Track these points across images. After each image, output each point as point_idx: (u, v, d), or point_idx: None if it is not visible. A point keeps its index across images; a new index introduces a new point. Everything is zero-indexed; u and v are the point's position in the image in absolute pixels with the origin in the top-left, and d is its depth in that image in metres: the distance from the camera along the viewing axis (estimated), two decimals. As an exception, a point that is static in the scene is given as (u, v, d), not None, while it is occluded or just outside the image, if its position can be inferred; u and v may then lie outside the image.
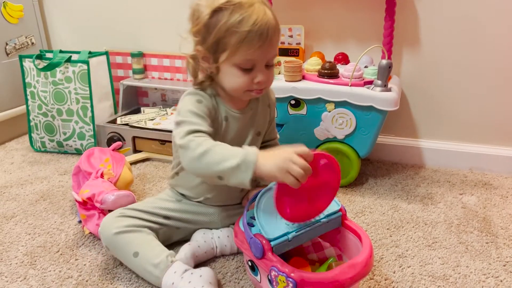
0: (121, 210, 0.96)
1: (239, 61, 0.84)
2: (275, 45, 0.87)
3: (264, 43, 0.83)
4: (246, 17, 0.81)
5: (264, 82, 0.88)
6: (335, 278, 0.73)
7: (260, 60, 0.86)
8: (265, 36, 0.82)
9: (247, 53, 0.83)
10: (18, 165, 1.51)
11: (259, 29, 0.81)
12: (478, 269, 0.95)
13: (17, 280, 0.93)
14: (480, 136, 1.41)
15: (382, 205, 1.22)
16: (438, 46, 1.36)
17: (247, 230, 0.81)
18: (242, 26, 0.81)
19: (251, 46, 0.82)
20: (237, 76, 0.86)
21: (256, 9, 0.82)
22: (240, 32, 0.81)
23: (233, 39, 0.82)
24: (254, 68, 0.86)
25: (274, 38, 0.85)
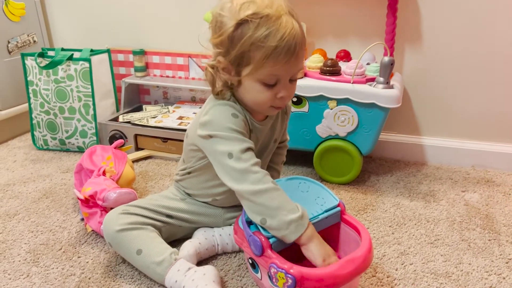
0: (124, 207, 0.96)
1: (263, 77, 0.81)
2: (302, 60, 0.84)
3: (291, 58, 0.79)
4: (273, 32, 0.77)
5: (288, 98, 0.85)
6: (335, 273, 0.73)
7: (285, 76, 0.82)
8: (292, 52, 0.78)
9: (272, 69, 0.80)
10: (21, 163, 1.51)
11: (286, 45, 0.77)
12: (481, 266, 0.95)
13: (20, 277, 0.94)
14: (483, 133, 1.41)
15: (384, 202, 1.22)
16: (441, 43, 1.35)
17: (246, 227, 0.81)
18: (268, 41, 0.77)
19: (277, 62, 0.79)
20: (259, 92, 0.83)
21: (284, 22, 0.78)
22: (266, 47, 0.77)
23: (258, 54, 0.78)
24: (278, 84, 0.83)
25: (301, 52, 0.81)
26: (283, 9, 0.79)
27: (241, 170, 0.80)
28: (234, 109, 0.87)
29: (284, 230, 0.77)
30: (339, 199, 0.89)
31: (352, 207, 1.19)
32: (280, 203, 0.78)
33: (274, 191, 0.79)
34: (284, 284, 0.73)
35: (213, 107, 0.88)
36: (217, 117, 0.85)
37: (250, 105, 0.88)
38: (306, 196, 0.87)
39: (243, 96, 0.87)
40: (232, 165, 0.81)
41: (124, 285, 0.91)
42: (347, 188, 1.30)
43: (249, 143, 0.84)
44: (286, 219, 0.77)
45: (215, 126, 0.84)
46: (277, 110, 0.88)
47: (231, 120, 0.85)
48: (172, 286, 0.86)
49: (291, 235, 0.77)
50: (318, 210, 0.85)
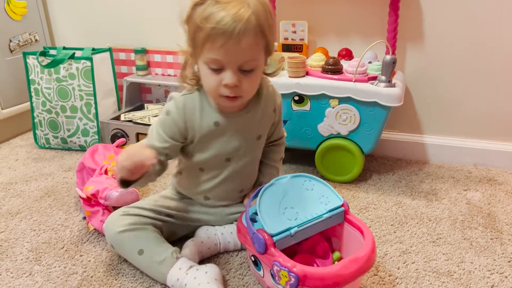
0: (124, 209, 0.96)
1: (206, 60, 0.82)
2: (247, 48, 0.79)
3: (227, 42, 0.77)
4: (214, 13, 0.76)
5: (234, 87, 0.83)
6: (337, 273, 0.73)
7: (228, 62, 0.80)
8: (228, 35, 0.76)
9: (210, 52, 0.79)
10: (23, 162, 1.51)
11: (223, 27, 0.76)
12: (483, 265, 0.95)
13: (23, 276, 0.94)
14: (485, 131, 1.41)
15: (386, 201, 1.22)
16: (443, 42, 1.35)
17: (250, 225, 0.81)
18: (207, 22, 0.77)
19: (214, 45, 0.78)
20: (207, 75, 0.84)
21: (231, 5, 0.77)
22: (205, 28, 0.77)
23: (200, 36, 0.79)
24: (223, 70, 0.82)
25: (245, 39, 0.78)
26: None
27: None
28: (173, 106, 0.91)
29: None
30: (343, 199, 0.89)
31: (354, 206, 1.19)
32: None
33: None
34: (287, 282, 0.73)
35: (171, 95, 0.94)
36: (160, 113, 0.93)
37: (206, 91, 0.89)
38: (310, 194, 0.87)
39: (202, 81, 0.88)
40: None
41: (126, 283, 0.91)
42: (349, 187, 1.30)
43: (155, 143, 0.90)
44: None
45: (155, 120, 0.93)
46: (229, 101, 0.86)
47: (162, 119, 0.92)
48: (174, 285, 0.87)
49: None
50: (322, 209, 0.85)
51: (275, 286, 0.79)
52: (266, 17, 0.81)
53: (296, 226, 0.80)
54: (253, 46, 0.80)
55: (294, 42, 1.42)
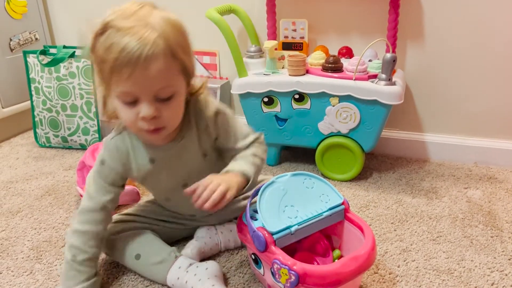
0: (117, 216, 0.97)
1: (117, 93, 0.73)
2: (158, 74, 0.71)
3: (134, 72, 0.69)
4: (116, 42, 0.69)
5: (153, 119, 0.74)
6: (337, 271, 0.73)
7: (140, 93, 0.72)
8: (133, 64, 0.68)
9: (119, 85, 0.71)
10: (23, 161, 1.51)
11: (127, 55, 0.68)
12: (483, 263, 0.95)
13: (23, 274, 0.94)
14: (485, 130, 1.41)
15: (387, 199, 1.22)
16: (443, 39, 1.35)
17: (250, 223, 0.81)
18: (110, 53, 0.69)
19: (121, 77, 0.70)
20: (122, 110, 0.76)
21: (134, 31, 0.69)
22: (108, 60, 0.69)
23: (106, 68, 0.71)
24: (138, 102, 0.73)
25: (154, 65, 0.70)
26: (142, 19, 0.71)
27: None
28: (108, 151, 0.86)
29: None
30: (343, 197, 0.89)
31: (354, 204, 1.19)
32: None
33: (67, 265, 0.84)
34: (287, 280, 0.74)
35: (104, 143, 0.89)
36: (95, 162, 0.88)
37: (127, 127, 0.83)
38: (310, 192, 0.87)
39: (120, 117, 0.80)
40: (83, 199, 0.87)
41: (127, 282, 0.91)
42: (349, 185, 1.30)
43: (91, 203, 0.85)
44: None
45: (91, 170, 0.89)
46: (152, 134, 0.78)
47: (97, 169, 0.87)
48: (174, 284, 0.87)
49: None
50: (322, 207, 0.85)
51: (275, 284, 0.80)
52: (176, 37, 0.74)
53: (296, 224, 0.80)
54: (164, 71, 0.72)
55: (294, 40, 1.42)
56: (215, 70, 1.65)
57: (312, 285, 0.73)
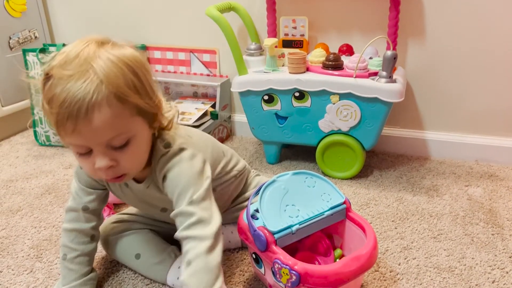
0: (117, 216, 0.96)
1: (69, 145, 0.70)
2: (104, 125, 0.65)
3: (77, 126, 0.64)
4: (56, 94, 0.63)
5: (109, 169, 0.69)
6: (339, 271, 0.73)
7: (90, 144, 0.67)
8: (75, 118, 0.63)
9: (66, 138, 0.67)
10: (23, 159, 1.51)
11: (66, 110, 0.63)
12: (484, 260, 0.95)
13: (24, 273, 0.94)
14: (486, 127, 1.40)
15: (387, 197, 1.22)
16: (444, 37, 1.34)
17: (251, 223, 0.81)
18: (52, 107, 0.65)
19: (65, 130, 0.65)
20: (80, 161, 0.72)
21: (73, 79, 0.63)
22: (53, 114, 0.65)
23: (51, 120, 0.67)
24: (93, 152, 0.68)
25: (97, 116, 0.64)
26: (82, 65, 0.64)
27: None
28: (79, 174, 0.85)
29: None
30: (345, 196, 0.88)
31: (355, 202, 1.19)
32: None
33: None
34: (288, 280, 0.73)
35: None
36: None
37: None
38: (312, 191, 0.87)
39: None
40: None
41: (127, 280, 0.91)
42: (350, 183, 1.30)
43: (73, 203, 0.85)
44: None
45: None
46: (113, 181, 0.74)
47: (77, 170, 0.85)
48: (174, 284, 0.87)
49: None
50: (324, 206, 0.85)
51: (276, 283, 0.79)
52: (124, 79, 0.66)
53: (298, 224, 0.80)
54: (112, 119, 0.65)
55: (295, 38, 1.41)
56: (215, 68, 1.64)
57: (313, 285, 0.72)
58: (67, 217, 0.86)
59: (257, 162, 1.45)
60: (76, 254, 0.84)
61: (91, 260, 0.87)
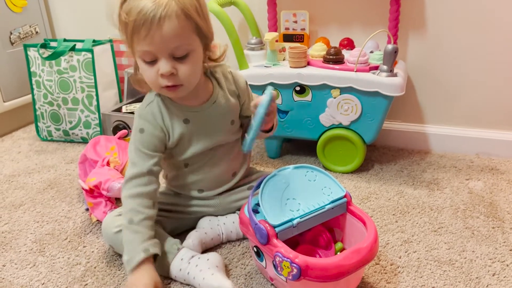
0: (120, 209, 0.97)
1: (139, 54, 0.83)
2: (172, 33, 0.79)
3: (150, 31, 0.78)
4: (135, 6, 0.77)
5: (170, 76, 0.83)
6: (340, 264, 0.73)
7: (158, 51, 0.81)
8: (149, 24, 0.77)
9: (139, 45, 0.80)
10: (25, 154, 1.52)
11: (143, 17, 0.77)
12: (484, 253, 0.95)
13: (27, 267, 0.95)
14: (487, 121, 1.40)
15: (388, 191, 1.22)
16: (445, 30, 1.34)
17: (252, 216, 0.81)
18: (130, 16, 0.78)
19: (139, 37, 0.79)
20: (144, 70, 0.84)
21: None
22: (129, 22, 0.78)
23: (128, 31, 0.80)
24: (157, 60, 0.82)
25: (167, 24, 0.78)
26: None
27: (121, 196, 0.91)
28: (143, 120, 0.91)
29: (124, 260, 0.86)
30: (346, 190, 0.89)
31: (356, 196, 1.19)
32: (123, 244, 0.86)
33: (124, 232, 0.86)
34: (289, 273, 0.74)
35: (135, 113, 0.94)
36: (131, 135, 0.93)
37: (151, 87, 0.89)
38: (313, 185, 0.87)
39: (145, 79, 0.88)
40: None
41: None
42: (350, 177, 1.30)
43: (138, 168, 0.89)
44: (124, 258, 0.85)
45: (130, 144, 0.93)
46: (170, 91, 0.86)
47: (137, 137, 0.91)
48: (177, 275, 0.87)
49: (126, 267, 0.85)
50: (325, 200, 0.85)
51: (277, 276, 0.80)
52: (190, 0, 0.80)
53: (299, 217, 0.81)
54: (178, 30, 0.79)
55: (295, 32, 1.41)
56: (216, 63, 1.64)
57: (314, 277, 0.73)
58: (130, 184, 0.89)
59: (258, 156, 1.45)
60: (143, 216, 0.86)
61: (153, 226, 0.89)
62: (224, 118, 0.97)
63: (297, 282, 0.75)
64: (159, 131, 0.91)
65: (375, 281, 0.88)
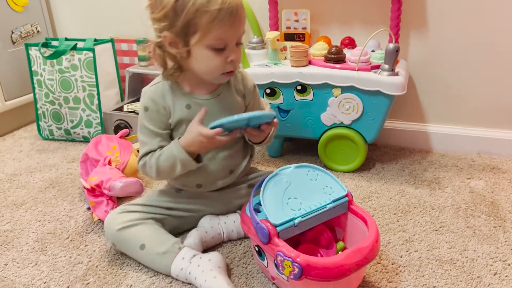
0: (123, 207, 0.97)
1: (211, 42, 0.84)
2: (244, 22, 0.87)
3: (235, 20, 0.83)
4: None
5: (237, 61, 0.89)
6: (341, 263, 0.73)
7: (232, 39, 0.85)
8: (235, 13, 0.82)
9: (219, 32, 0.82)
10: (27, 153, 1.52)
11: (229, 7, 0.81)
12: (486, 253, 0.95)
13: (29, 265, 0.95)
14: (488, 120, 1.40)
15: (389, 190, 1.22)
16: (446, 29, 1.34)
17: (253, 215, 0.81)
18: (211, 5, 0.80)
19: (223, 25, 0.82)
20: (210, 58, 0.86)
21: None
22: (211, 11, 0.80)
23: (204, 20, 0.81)
24: (226, 48, 0.85)
25: (243, 14, 0.85)
26: None
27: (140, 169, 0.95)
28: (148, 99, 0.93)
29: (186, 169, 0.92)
30: (347, 189, 0.89)
31: (357, 195, 1.19)
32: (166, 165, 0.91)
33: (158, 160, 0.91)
34: (291, 272, 0.74)
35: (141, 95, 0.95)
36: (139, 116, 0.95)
37: (202, 75, 0.90)
38: (314, 184, 0.87)
39: (194, 66, 0.88)
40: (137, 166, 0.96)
41: (131, 273, 0.92)
42: (352, 176, 1.30)
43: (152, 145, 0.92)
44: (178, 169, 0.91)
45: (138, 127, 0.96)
46: (229, 76, 0.91)
47: (143, 116, 0.93)
48: (178, 275, 0.87)
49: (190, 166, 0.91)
50: (326, 199, 0.85)
51: (279, 275, 0.80)
52: None
53: (300, 217, 0.81)
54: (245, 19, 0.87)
55: (297, 31, 1.41)
56: (217, 62, 1.64)
57: (316, 277, 0.73)
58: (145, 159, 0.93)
59: (260, 156, 1.45)
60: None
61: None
62: (225, 113, 0.94)
63: (299, 282, 0.75)
64: (162, 109, 0.93)
65: (376, 280, 0.88)
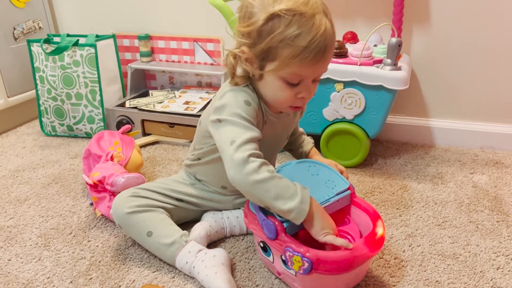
0: (134, 190, 0.97)
1: (286, 75, 0.79)
2: (329, 61, 0.81)
3: (319, 61, 0.77)
4: (305, 32, 0.74)
5: (308, 98, 0.84)
6: (350, 255, 0.74)
7: (310, 76, 0.81)
8: (321, 54, 0.76)
9: (298, 69, 0.78)
10: (30, 149, 1.52)
11: (316, 47, 0.75)
12: (489, 247, 0.95)
13: (32, 261, 0.95)
14: (491, 114, 1.40)
15: (392, 185, 1.22)
16: (449, 24, 1.33)
17: (259, 212, 0.81)
18: (298, 41, 0.75)
19: (304, 63, 0.76)
20: (280, 90, 0.82)
21: (317, 22, 0.75)
22: (296, 46, 0.75)
23: (286, 52, 0.76)
24: (300, 83, 0.81)
25: (330, 54, 0.79)
26: (318, 7, 0.76)
27: (238, 160, 0.76)
28: (248, 96, 0.85)
29: (288, 217, 0.76)
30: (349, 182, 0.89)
31: (360, 190, 1.19)
32: (276, 193, 0.75)
33: (269, 181, 0.75)
34: (300, 267, 0.74)
35: (228, 92, 0.86)
36: (229, 102, 0.83)
37: (268, 101, 0.87)
38: (316, 179, 0.87)
39: (263, 91, 0.85)
40: (231, 153, 0.77)
41: (134, 268, 0.92)
42: (354, 171, 1.30)
43: (255, 132, 0.81)
44: (285, 208, 0.75)
45: (225, 111, 0.82)
46: (295, 110, 0.88)
47: (243, 107, 0.82)
48: (182, 267, 0.88)
49: (295, 220, 0.76)
50: (329, 193, 0.85)
51: (286, 271, 0.80)
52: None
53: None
54: (331, 57, 0.82)
55: (299, 26, 1.40)
56: (219, 57, 1.64)
57: (325, 271, 0.73)
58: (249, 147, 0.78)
59: (262, 151, 1.45)
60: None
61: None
62: (287, 130, 1.00)
63: (307, 276, 0.75)
64: (258, 111, 0.86)
65: (379, 275, 0.88)
